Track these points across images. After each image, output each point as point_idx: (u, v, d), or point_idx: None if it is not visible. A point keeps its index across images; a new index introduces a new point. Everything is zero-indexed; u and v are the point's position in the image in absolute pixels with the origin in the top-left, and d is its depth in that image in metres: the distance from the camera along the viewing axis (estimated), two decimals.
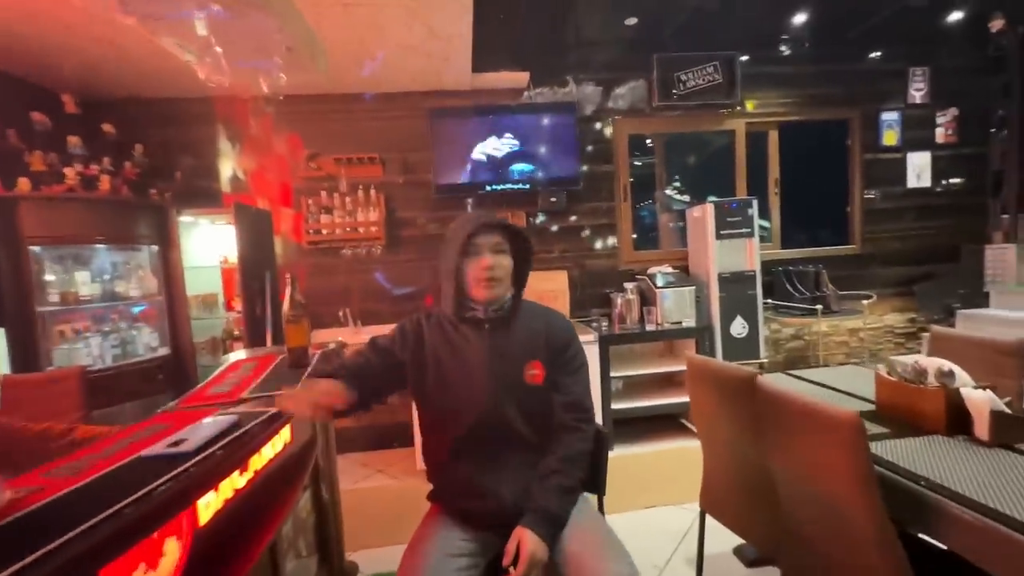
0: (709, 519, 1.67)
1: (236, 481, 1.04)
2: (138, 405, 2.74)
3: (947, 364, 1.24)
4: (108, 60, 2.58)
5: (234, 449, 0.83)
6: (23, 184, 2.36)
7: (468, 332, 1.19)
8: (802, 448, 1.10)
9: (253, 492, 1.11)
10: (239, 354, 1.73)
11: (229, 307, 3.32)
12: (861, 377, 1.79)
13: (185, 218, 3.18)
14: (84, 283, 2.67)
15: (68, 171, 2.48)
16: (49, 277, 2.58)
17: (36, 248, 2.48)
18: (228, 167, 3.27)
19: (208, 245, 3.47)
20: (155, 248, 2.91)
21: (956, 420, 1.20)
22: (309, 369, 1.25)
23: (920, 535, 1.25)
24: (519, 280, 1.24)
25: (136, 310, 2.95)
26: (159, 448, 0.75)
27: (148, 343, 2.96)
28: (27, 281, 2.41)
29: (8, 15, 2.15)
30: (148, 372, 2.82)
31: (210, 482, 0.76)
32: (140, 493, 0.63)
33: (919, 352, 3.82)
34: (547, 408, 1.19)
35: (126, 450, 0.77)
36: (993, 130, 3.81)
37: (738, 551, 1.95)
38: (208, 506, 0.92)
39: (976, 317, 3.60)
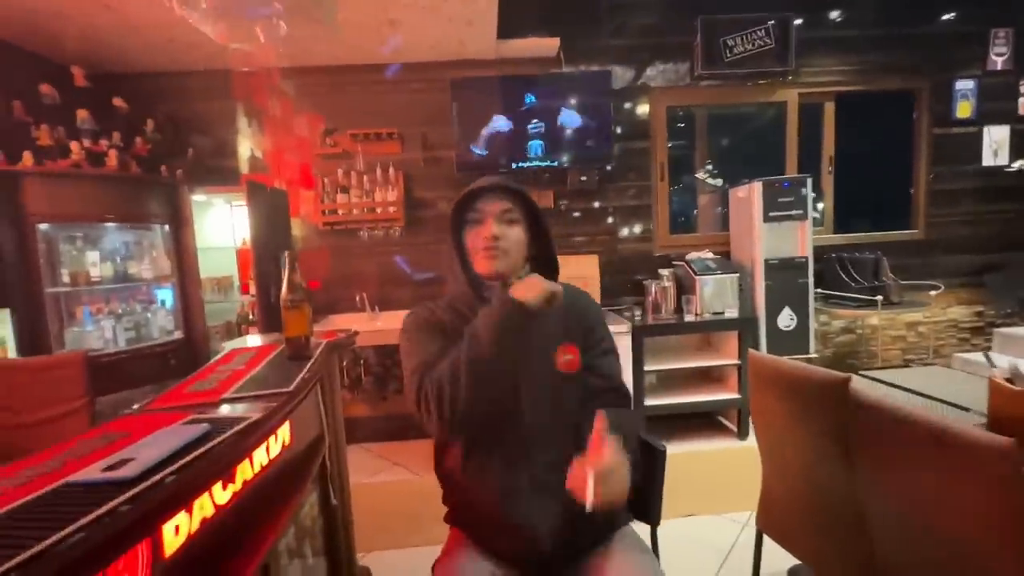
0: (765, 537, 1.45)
1: (217, 496, 0.87)
2: (149, 390, 2.66)
3: None
4: (111, 29, 2.44)
5: (196, 470, 0.65)
6: (27, 159, 2.25)
7: None
8: (919, 478, 0.87)
9: (241, 506, 0.94)
10: (242, 341, 1.57)
11: (244, 290, 3.20)
12: (950, 380, 1.53)
13: (199, 197, 3.06)
14: (94, 263, 2.57)
15: (74, 145, 2.37)
16: (61, 258, 2.49)
17: (44, 227, 2.38)
18: (243, 145, 3.12)
19: (224, 226, 3.36)
20: (167, 227, 2.79)
21: None
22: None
23: None
24: (542, 256, 1.08)
25: (156, 292, 2.87)
26: (92, 472, 0.58)
27: (163, 326, 2.87)
28: (34, 260, 2.32)
29: None
30: (161, 356, 2.73)
31: (156, 516, 0.58)
32: (43, 544, 0.46)
33: (989, 349, 3.46)
34: (586, 399, 0.99)
35: (55, 472, 0.60)
36: None
37: (794, 573, 1.73)
38: (178, 532, 0.75)
39: None
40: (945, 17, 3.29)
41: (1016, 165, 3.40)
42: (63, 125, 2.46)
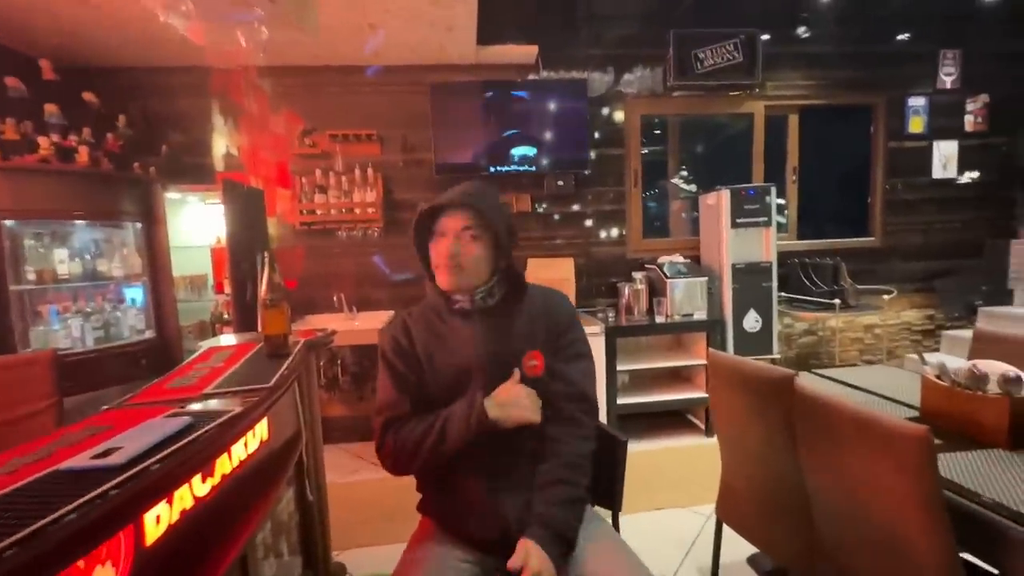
0: (724, 527, 1.54)
1: (197, 489, 0.90)
2: (119, 391, 2.61)
3: (1013, 370, 1.09)
4: (85, 23, 2.40)
5: (180, 460, 0.68)
6: None
7: (457, 324, 1.06)
8: (850, 464, 0.96)
9: (220, 499, 0.97)
10: (216, 340, 1.58)
11: (219, 289, 3.16)
12: (895, 378, 1.65)
13: (173, 195, 3.01)
14: (62, 261, 2.52)
15: (41, 140, 2.32)
16: (27, 254, 2.43)
17: (10, 223, 2.32)
18: (219, 142, 3.10)
19: (199, 224, 3.32)
20: (139, 225, 2.75)
21: (1021, 433, 1.06)
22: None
23: (967, 556, 1.12)
24: (511, 270, 1.09)
25: (127, 290, 2.81)
26: (81, 460, 0.61)
27: (134, 326, 2.82)
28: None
29: None
30: (131, 356, 2.69)
31: (140, 503, 0.61)
32: (40, 523, 0.49)
33: (937, 351, 3.67)
34: (549, 404, 1.04)
35: (43, 461, 0.62)
36: None
37: (752, 560, 1.83)
38: (159, 521, 0.78)
39: (999, 315, 3.45)
40: (899, 37, 3.50)
41: (964, 178, 3.63)
42: (30, 119, 2.41)
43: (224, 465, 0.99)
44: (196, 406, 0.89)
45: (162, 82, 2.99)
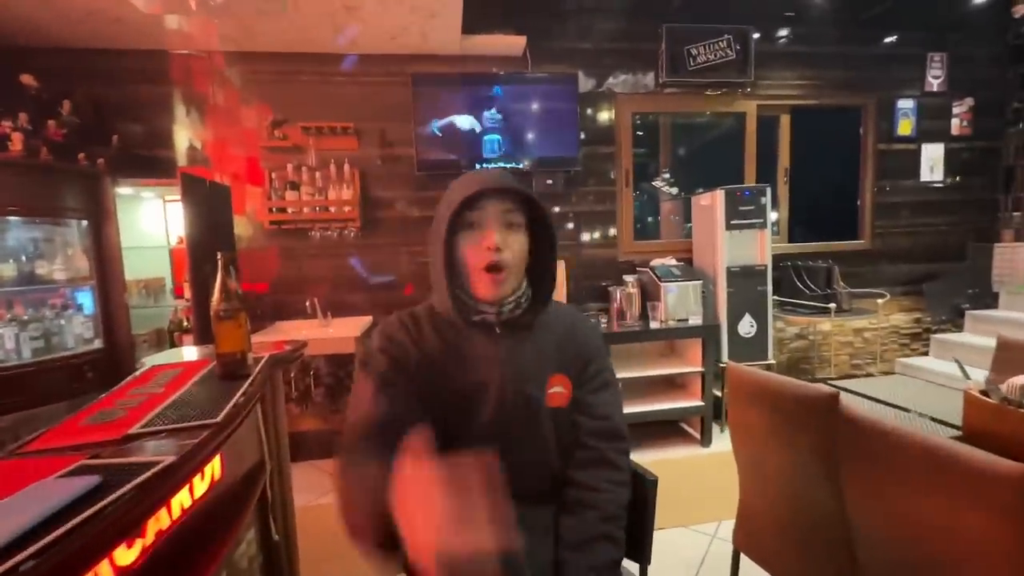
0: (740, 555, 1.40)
1: (120, 558, 0.70)
2: (65, 407, 2.33)
3: None
4: None
5: (76, 544, 0.49)
6: None
7: (476, 338, 0.85)
8: (918, 504, 0.82)
9: (156, 560, 0.77)
10: (173, 353, 1.37)
11: (179, 293, 2.90)
12: (909, 389, 1.54)
13: (126, 190, 2.75)
14: None
15: None
16: None
17: None
18: (181, 134, 2.83)
19: (158, 223, 3.05)
20: (85, 223, 2.47)
21: None
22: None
23: None
24: (541, 271, 0.89)
25: (72, 295, 2.53)
26: None
27: (80, 334, 2.54)
28: None
29: None
30: (76, 368, 2.41)
31: None
32: None
33: (926, 354, 3.66)
34: (575, 444, 0.89)
35: None
36: (1018, 124, 3.59)
37: None
38: None
39: (985, 319, 3.46)
40: (887, 40, 3.48)
41: (949, 181, 3.63)
42: None
43: (161, 520, 0.79)
44: (116, 454, 0.69)
45: (113, 66, 2.72)
